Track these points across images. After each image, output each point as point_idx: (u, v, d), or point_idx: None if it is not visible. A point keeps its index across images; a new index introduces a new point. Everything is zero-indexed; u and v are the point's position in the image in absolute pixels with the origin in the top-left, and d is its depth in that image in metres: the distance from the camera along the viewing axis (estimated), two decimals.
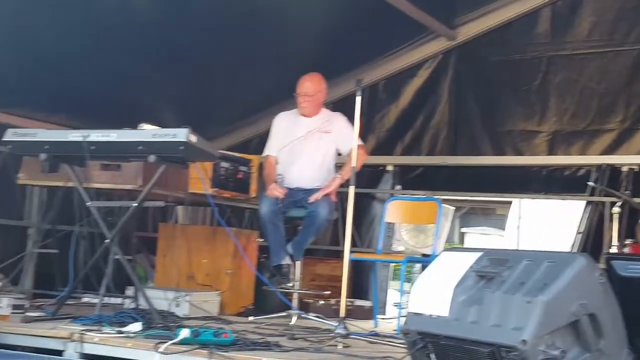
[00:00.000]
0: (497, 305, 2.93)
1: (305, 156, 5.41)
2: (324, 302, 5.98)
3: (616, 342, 2.91)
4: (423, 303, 3.24)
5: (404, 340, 3.39)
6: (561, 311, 2.82)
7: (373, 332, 4.65)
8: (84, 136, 4.29)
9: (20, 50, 5.18)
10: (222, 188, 5.65)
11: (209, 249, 5.85)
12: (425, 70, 7.13)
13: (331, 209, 5.20)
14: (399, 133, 7.20)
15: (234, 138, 7.72)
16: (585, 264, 2.90)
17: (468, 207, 12.97)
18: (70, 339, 3.81)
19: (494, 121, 6.78)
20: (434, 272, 3.35)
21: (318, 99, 5.43)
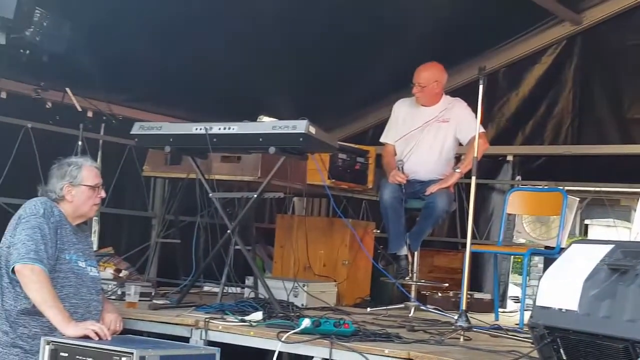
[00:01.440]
0: (632, 299, 2.81)
1: (422, 148, 5.33)
2: (442, 295, 5.90)
3: None
4: (551, 297, 3.13)
5: (530, 334, 3.30)
6: None
7: (495, 326, 4.54)
8: (207, 129, 4.37)
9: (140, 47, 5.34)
10: (340, 179, 5.65)
11: (325, 239, 5.86)
12: (548, 57, 6.92)
13: (449, 200, 5.12)
14: (519, 122, 7.03)
15: (350, 129, 7.73)
16: None
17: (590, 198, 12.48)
18: (196, 326, 3.90)
19: (621, 108, 6.52)
20: (562, 264, 3.23)
21: (433, 89, 5.33)
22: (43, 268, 3.48)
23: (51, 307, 3.44)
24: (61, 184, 3.72)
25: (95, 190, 3.81)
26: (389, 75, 6.63)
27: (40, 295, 3.45)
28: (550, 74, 6.90)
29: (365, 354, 3.42)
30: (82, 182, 3.75)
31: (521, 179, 7.00)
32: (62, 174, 3.74)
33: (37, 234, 3.54)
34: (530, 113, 6.97)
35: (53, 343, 3.38)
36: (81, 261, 3.73)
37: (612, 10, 6.52)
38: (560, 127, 6.82)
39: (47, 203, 3.69)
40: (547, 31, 6.85)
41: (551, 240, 6.18)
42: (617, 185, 6.93)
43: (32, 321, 3.56)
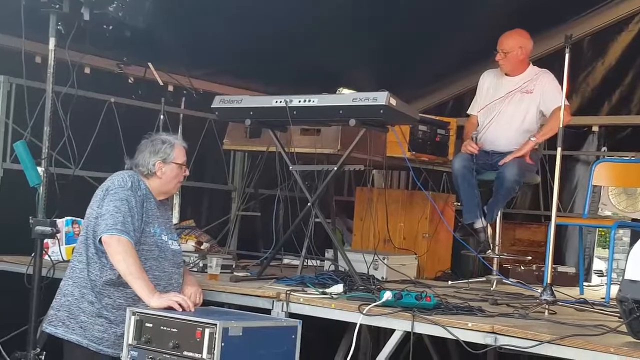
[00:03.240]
0: None
1: (503, 118, 5.25)
2: (524, 268, 5.81)
3: None
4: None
5: (618, 308, 3.22)
6: None
7: (581, 299, 4.45)
8: (287, 102, 4.39)
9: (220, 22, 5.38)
10: (420, 151, 5.60)
11: (405, 212, 5.84)
12: (636, 24, 6.67)
13: (521, 171, 4.98)
14: (605, 92, 6.83)
15: (429, 100, 7.65)
16: None
17: None
18: (277, 298, 3.93)
19: None
20: None
21: (517, 56, 5.23)
22: (130, 239, 3.56)
23: (137, 278, 3.52)
24: (154, 159, 3.80)
25: (182, 168, 3.89)
26: (469, 45, 6.50)
27: (127, 266, 3.53)
28: (638, 42, 6.65)
29: (448, 328, 3.39)
30: (173, 160, 3.84)
31: (607, 150, 6.80)
32: (155, 150, 3.82)
33: (124, 205, 3.61)
34: (616, 82, 6.76)
35: (138, 314, 3.48)
36: (164, 235, 3.81)
37: None
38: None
39: (135, 176, 3.77)
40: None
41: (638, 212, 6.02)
42: None
43: (117, 292, 3.66)
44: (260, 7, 5.37)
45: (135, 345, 3.46)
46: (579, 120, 6.69)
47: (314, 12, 5.62)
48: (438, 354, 5.63)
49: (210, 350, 3.23)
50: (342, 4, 5.63)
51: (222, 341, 3.22)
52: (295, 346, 3.57)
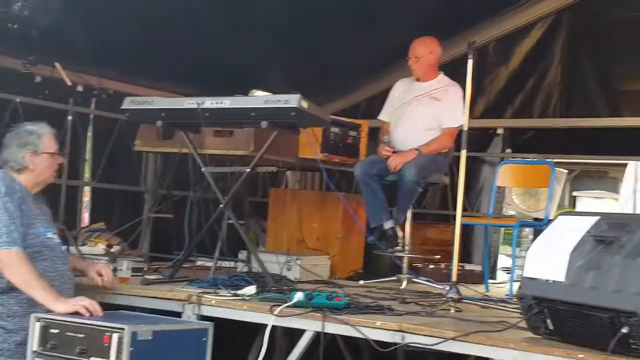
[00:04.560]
0: (617, 270, 2.88)
1: (409, 120, 5.39)
2: (434, 266, 5.98)
3: None
4: (538, 268, 3.20)
5: (518, 304, 3.36)
6: None
7: (485, 297, 4.61)
8: (199, 103, 4.39)
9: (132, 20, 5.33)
10: (332, 153, 5.69)
11: (319, 213, 5.91)
12: (537, 30, 6.92)
13: (420, 172, 5.11)
14: (509, 95, 7.06)
15: (342, 103, 7.74)
16: None
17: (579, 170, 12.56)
18: (188, 301, 3.93)
19: (610, 81, 6.55)
20: (549, 236, 3.30)
21: (428, 60, 5.39)
22: (18, 249, 3.46)
23: (35, 287, 3.43)
24: (23, 152, 3.69)
25: (55, 157, 3.80)
26: (380, 49, 6.65)
27: (21, 278, 3.43)
28: (539, 48, 6.91)
29: (357, 327, 3.47)
30: (44, 150, 3.74)
31: (511, 151, 7.05)
32: (22, 143, 3.70)
33: (4, 215, 3.49)
34: (519, 87, 6.99)
35: (43, 320, 3.39)
36: (48, 232, 3.71)
37: None
38: (549, 100, 6.84)
39: (6, 179, 3.63)
40: (536, 5, 6.84)
41: (540, 212, 6.25)
42: (605, 157, 6.99)
43: (10, 299, 3.54)
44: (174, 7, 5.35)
45: (40, 352, 3.38)
46: (484, 123, 6.95)
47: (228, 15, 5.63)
48: (351, 353, 5.71)
49: (119, 355, 3.18)
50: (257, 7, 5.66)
51: (130, 346, 3.19)
52: (206, 349, 3.57)
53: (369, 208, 5.29)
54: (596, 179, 14.53)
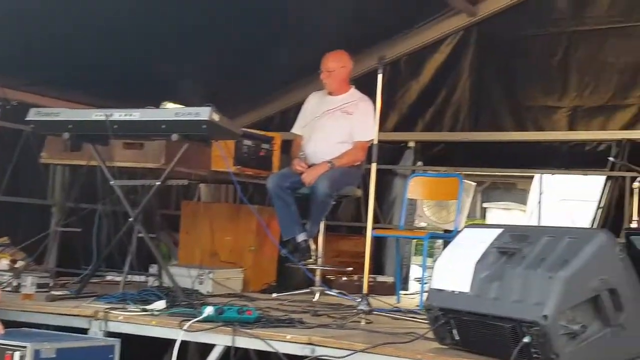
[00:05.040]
0: (519, 281, 2.96)
1: (321, 134, 5.43)
2: (346, 279, 6.01)
3: (637, 316, 2.92)
4: (445, 279, 3.26)
5: (426, 316, 3.42)
6: (582, 286, 2.84)
7: (396, 308, 4.67)
8: (107, 115, 4.31)
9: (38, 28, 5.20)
10: (245, 165, 5.68)
11: (232, 226, 5.88)
12: (446, 46, 7.10)
13: (333, 184, 5.15)
14: (420, 109, 7.19)
15: (257, 115, 7.74)
16: (605, 239, 2.91)
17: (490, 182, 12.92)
18: (95, 317, 3.84)
19: (514, 97, 6.77)
20: (455, 248, 3.37)
21: (340, 74, 5.44)
22: None
23: None
24: None
25: None
26: (294, 63, 6.68)
27: None
28: (448, 63, 7.09)
29: (268, 340, 3.47)
30: None
31: (423, 164, 7.18)
32: None
33: None
34: (430, 101, 7.14)
35: None
36: None
37: (505, 2, 6.74)
38: (459, 114, 7.01)
39: None
40: (444, 21, 7.02)
41: (450, 223, 6.39)
42: (512, 170, 7.20)
43: None
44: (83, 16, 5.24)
45: None
46: (396, 136, 7.06)
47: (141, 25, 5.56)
48: None
49: None
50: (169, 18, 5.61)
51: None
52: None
53: (281, 221, 5.31)
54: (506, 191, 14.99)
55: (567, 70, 6.51)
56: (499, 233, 3.23)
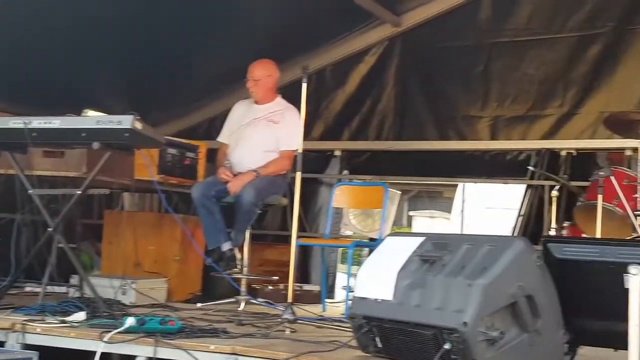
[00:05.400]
0: (439, 288, 3.00)
1: (247, 142, 5.41)
2: (272, 288, 6.01)
3: (552, 322, 3.00)
4: (368, 287, 3.29)
5: (350, 324, 3.44)
6: (500, 293, 2.90)
7: (320, 317, 4.69)
8: (26, 123, 4.21)
9: None
10: (169, 174, 5.63)
11: (156, 235, 5.82)
12: (371, 57, 7.19)
13: (258, 193, 5.13)
14: (346, 118, 7.26)
15: (183, 123, 7.68)
16: (523, 247, 2.98)
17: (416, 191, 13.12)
18: (12, 329, 3.72)
19: (438, 106, 6.90)
20: (378, 256, 3.40)
21: (267, 83, 5.44)
22: None
23: None
24: None
25: None
26: (220, 71, 6.66)
27: None
28: (373, 73, 7.18)
29: (190, 351, 3.43)
30: None
31: (349, 173, 7.24)
32: None
33: None
34: (356, 110, 7.21)
35: None
36: None
37: (428, 13, 6.88)
38: (384, 123, 7.11)
39: None
40: (369, 32, 7.12)
41: (376, 231, 6.45)
42: (436, 179, 7.31)
43: None
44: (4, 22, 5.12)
45: None
46: (322, 145, 7.11)
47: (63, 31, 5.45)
48: None
49: None
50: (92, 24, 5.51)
51: None
52: None
53: (206, 230, 5.27)
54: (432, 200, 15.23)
55: (489, 81, 6.68)
56: (421, 241, 3.27)
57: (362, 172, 7.08)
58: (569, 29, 6.39)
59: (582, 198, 5.16)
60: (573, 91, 6.36)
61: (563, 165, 6.31)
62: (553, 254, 3.21)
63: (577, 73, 6.36)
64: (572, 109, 6.36)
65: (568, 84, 6.38)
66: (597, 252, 3.17)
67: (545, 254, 3.19)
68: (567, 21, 6.39)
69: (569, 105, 6.37)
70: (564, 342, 3.05)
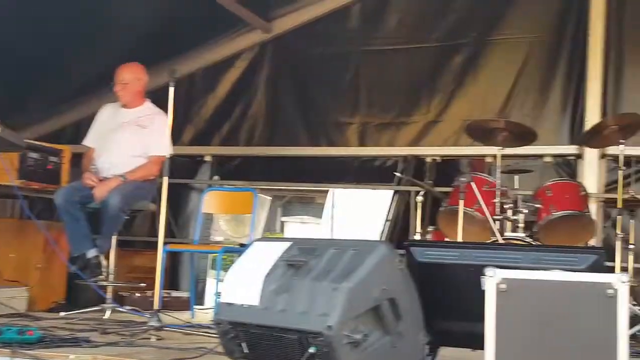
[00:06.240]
0: (305, 293, 3.02)
1: (115, 147, 5.30)
2: (140, 295, 5.89)
3: (414, 325, 3.08)
4: (234, 293, 3.27)
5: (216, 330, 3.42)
6: (364, 297, 2.95)
7: (188, 323, 4.64)
8: None
9: None
10: (31, 179, 5.43)
11: (17, 242, 5.60)
12: (242, 62, 7.20)
13: (125, 199, 5.03)
14: (217, 124, 7.23)
15: (47, 127, 7.44)
16: (386, 251, 3.04)
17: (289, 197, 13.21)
18: None
19: (308, 113, 6.98)
20: (245, 262, 3.39)
21: (135, 87, 5.34)
22: None
23: None
24: None
25: None
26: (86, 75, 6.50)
27: None
28: (244, 79, 7.19)
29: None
30: None
31: (219, 178, 7.19)
32: None
33: None
34: (226, 115, 7.19)
35: None
36: None
37: (299, 20, 6.97)
38: (255, 129, 7.13)
39: None
40: (240, 37, 7.14)
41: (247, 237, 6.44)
42: (306, 184, 7.37)
43: None
44: None
45: None
46: (192, 150, 7.04)
47: None
48: None
49: None
50: None
51: None
52: None
53: (70, 236, 5.11)
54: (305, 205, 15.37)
55: (358, 88, 6.82)
56: (287, 246, 3.29)
57: (233, 178, 7.06)
58: (434, 39, 6.61)
59: (445, 203, 5.32)
60: (438, 99, 6.58)
61: (428, 171, 6.51)
62: (415, 257, 3.30)
63: (442, 82, 6.58)
64: (437, 117, 6.58)
65: (433, 92, 6.60)
66: (456, 255, 3.28)
67: (407, 258, 3.28)
68: (432, 31, 6.62)
69: (434, 113, 6.59)
70: (424, 344, 3.14)
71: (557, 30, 6.34)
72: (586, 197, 5.18)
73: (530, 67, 6.37)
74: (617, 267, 5.05)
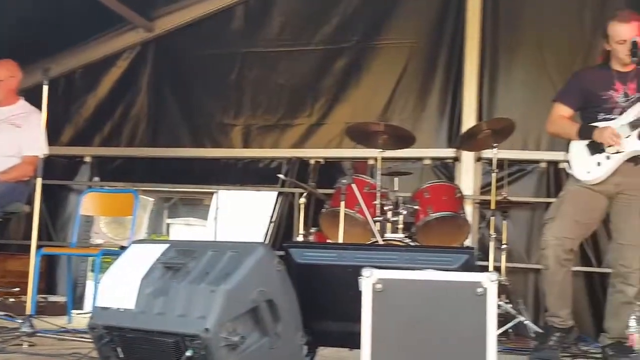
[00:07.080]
0: (183, 295, 2.99)
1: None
2: (15, 300, 5.69)
3: (292, 326, 3.10)
4: (110, 297, 3.20)
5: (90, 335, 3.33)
6: (242, 298, 2.94)
7: (63, 329, 4.51)
8: None
9: None
10: None
11: None
12: (124, 61, 7.07)
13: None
14: (97, 123, 7.07)
15: None
16: (264, 253, 3.05)
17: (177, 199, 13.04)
18: None
19: (192, 113, 6.92)
20: (121, 264, 3.32)
21: (9, 84, 5.17)
22: None
23: None
24: None
25: None
26: None
27: None
28: (126, 78, 7.06)
29: None
30: None
31: (100, 179, 7.02)
32: None
33: None
34: (108, 115, 7.05)
35: None
36: None
37: (182, 20, 6.92)
38: (137, 129, 7.01)
39: None
40: (122, 36, 7.02)
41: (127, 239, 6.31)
42: (191, 186, 7.29)
43: None
44: None
45: None
46: (71, 151, 6.85)
47: None
48: None
49: None
50: None
51: None
52: None
53: None
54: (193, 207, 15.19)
55: (242, 89, 6.82)
56: (165, 248, 3.24)
57: (115, 179, 6.90)
58: (317, 42, 6.68)
59: (327, 205, 5.38)
60: (321, 102, 6.65)
61: (312, 173, 6.56)
62: (294, 259, 3.32)
63: (325, 84, 6.66)
64: (320, 119, 6.65)
65: (316, 95, 6.67)
66: (334, 257, 3.33)
67: (286, 259, 3.29)
68: (316, 34, 6.69)
69: (317, 116, 6.66)
70: (303, 344, 3.16)
71: (436, 36, 6.52)
72: (462, 198, 5.35)
73: (411, 72, 6.52)
74: (491, 266, 5.25)
